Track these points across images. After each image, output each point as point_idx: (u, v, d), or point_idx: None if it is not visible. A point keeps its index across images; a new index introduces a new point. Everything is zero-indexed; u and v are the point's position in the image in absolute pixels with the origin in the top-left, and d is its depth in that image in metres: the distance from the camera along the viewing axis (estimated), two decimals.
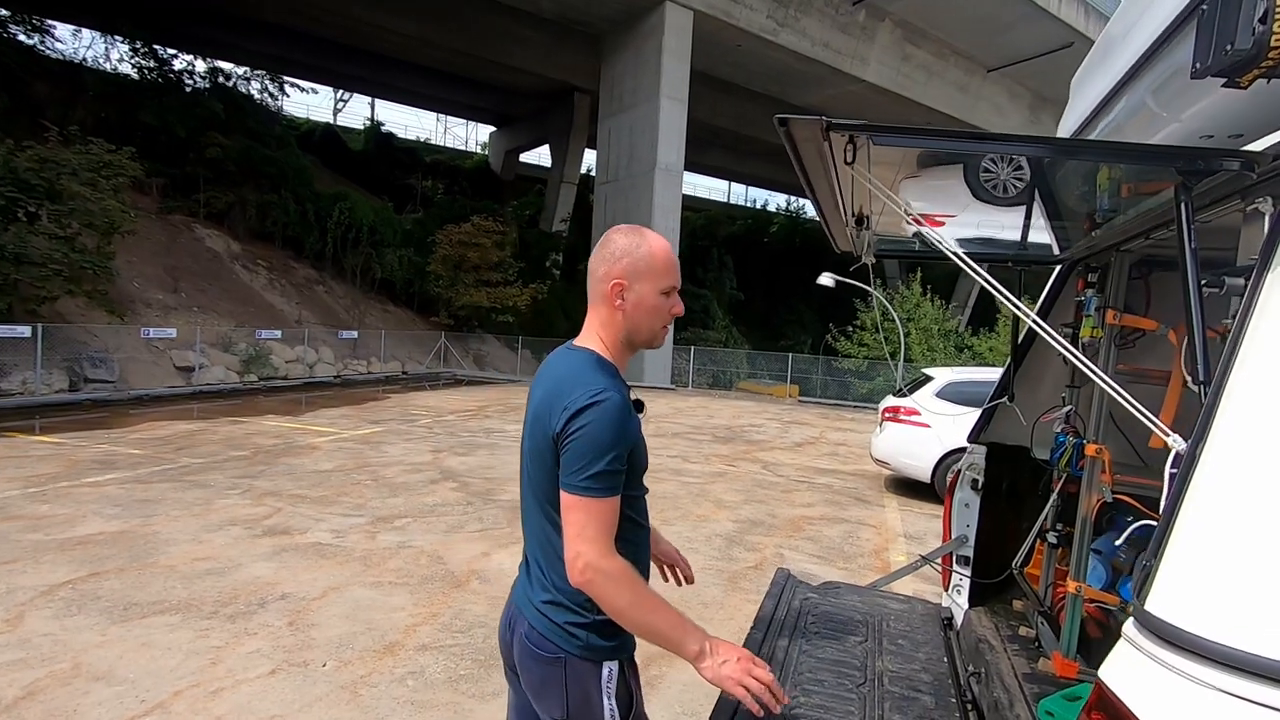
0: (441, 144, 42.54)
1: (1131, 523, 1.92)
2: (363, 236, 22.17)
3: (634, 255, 1.36)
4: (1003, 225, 2.23)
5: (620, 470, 1.28)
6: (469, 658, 3.46)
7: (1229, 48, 0.77)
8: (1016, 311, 1.10)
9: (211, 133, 20.30)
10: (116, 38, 22.74)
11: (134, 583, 4.16)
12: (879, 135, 0.99)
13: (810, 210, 45.41)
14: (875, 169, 1.41)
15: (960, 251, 1.12)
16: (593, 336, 1.42)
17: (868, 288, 8.08)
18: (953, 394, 7.60)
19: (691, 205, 35.23)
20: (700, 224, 36.19)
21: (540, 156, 37.85)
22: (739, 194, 51.29)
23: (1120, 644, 0.84)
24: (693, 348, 22.74)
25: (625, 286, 1.36)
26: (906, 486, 8.30)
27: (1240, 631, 0.71)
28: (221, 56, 25.45)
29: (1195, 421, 1.06)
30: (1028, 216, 2.04)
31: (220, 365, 15.39)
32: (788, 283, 32.76)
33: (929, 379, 8.19)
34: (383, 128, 34.27)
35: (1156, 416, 1.68)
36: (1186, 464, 0.85)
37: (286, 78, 26.05)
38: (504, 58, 25.78)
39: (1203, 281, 1.02)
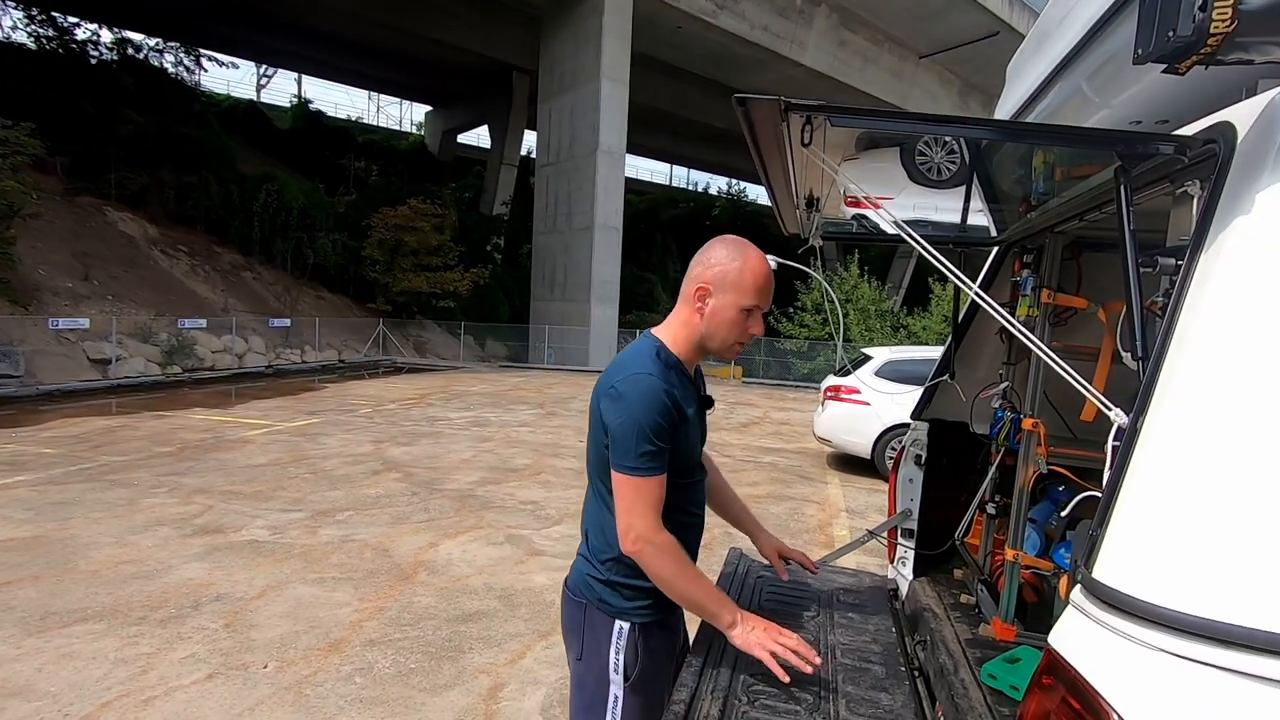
0: (375, 124, 41.05)
1: (1063, 492, 2.02)
2: (292, 220, 21.21)
3: (727, 267, 1.42)
4: (938, 208, 2.29)
5: (661, 449, 1.38)
6: (419, 651, 3.39)
7: (1170, 34, 0.79)
8: (973, 295, 1.12)
9: (123, 109, 18.98)
10: (10, 3, 20.92)
11: (51, 590, 3.90)
12: (836, 116, 0.99)
13: (751, 193, 45.94)
14: (825, 151, 1.42)
15: (916, 235, 1.14)
16: (669, 329, 1.52)
17: (808, 269, 8.23)
18: (891, 372, 7.85)
19: (634, 188, 35.11)
20: (643, 207, 36.14)
21: (479, 138, 37.01)
22: (680, 177, 51.47)
23: (1068, 611, 0.88)
24: (637, 331, 22.76)
25: (708, 293, 1.44)
26: (848, 463, 8.55)
27: (1184, 596, 0.74)
28: (129, 26, 23.77)
29: (1127, 394, 1.11)
30: (967, 199, 2.10)
31: (140, 357, 14.52)
32: None
33: (868, 358, 8.43)
34: (311, 105, 32.75)
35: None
36: (1128, 436, 0.88)
37: (203, 50, 24.54)
38: (439, 34, 24.98)
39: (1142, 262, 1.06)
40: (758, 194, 47.43)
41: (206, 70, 26.48)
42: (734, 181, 45.76)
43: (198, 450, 7.72)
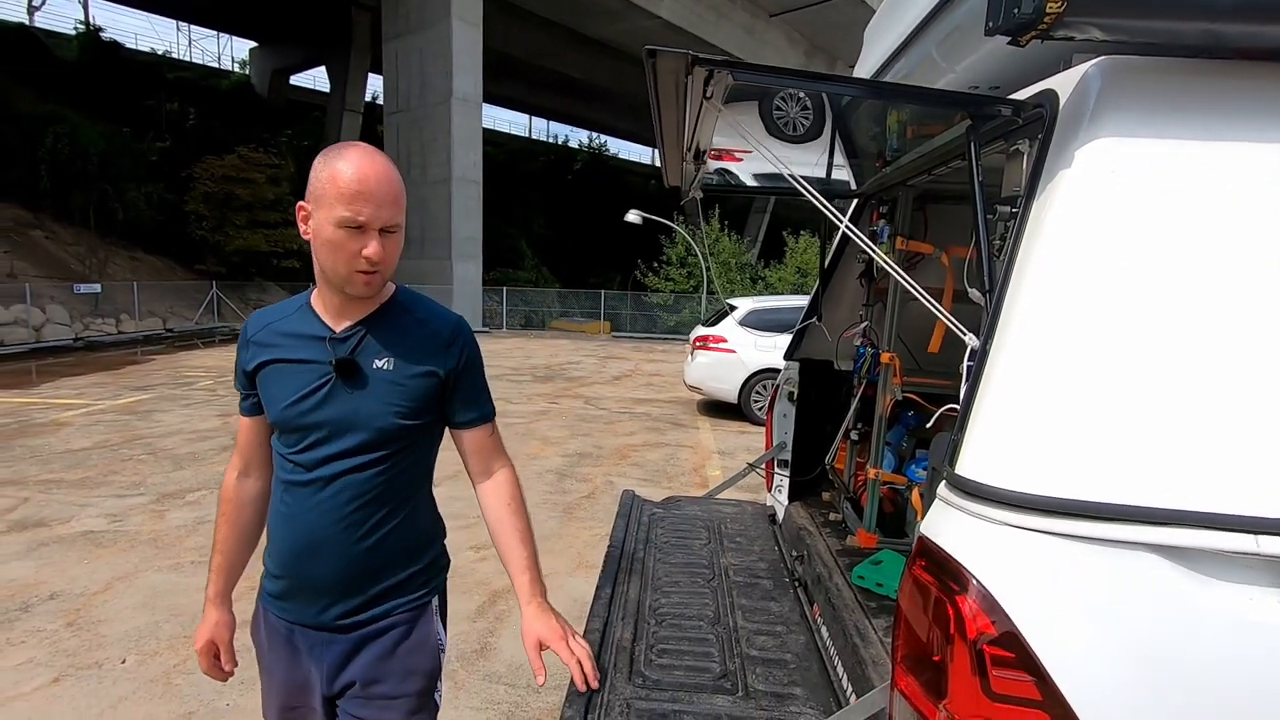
0: (187, 59, 35.98)
1: (913, 417, 2.31)
2: (92, 169, 18.30)
3: (317, 176, 1.14)
4: (794, 162, 2.46)
5: (241, 391, 1.33)
6: None
7: (1016, 11, 0.93)
8: (861, 243, 1.25)
9: None
10: None
11: None
12: (739, 72, 1.06)
13: (613, 147, 45.70)
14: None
15: (803, 186, 1.24)
16: None
17: (671, 224, 8.45)
18: (754, 321, 8.32)
19: (491, 140, 33.66)
20: (502, 159, 34.83)
21: (316, 80, 33.76)
22: (540, 128, 49.99)
23: (935, 504, 1.05)
24: (504, 288, 22.27)
25: (308, 213, 1.17)
26: (718, 409, 9.03)
27: (1025, 479, 0.92)
28: None
29: (968, 326, 1.30)
30: (830, 155, 2.28)
31: None
32: (594, 219, 32.94)
33: (733, 309, 8.87)
34: (103, 34, 28.04)
35: (933, 328, 2.02)
36: (980, 357, 1.05)
37: None
38: None
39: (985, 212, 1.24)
40: (619, 148, 47.32)
41: None
42: (595, 135, 45.22)
43: None
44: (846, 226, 1.25)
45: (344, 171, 1.11)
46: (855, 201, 2.52)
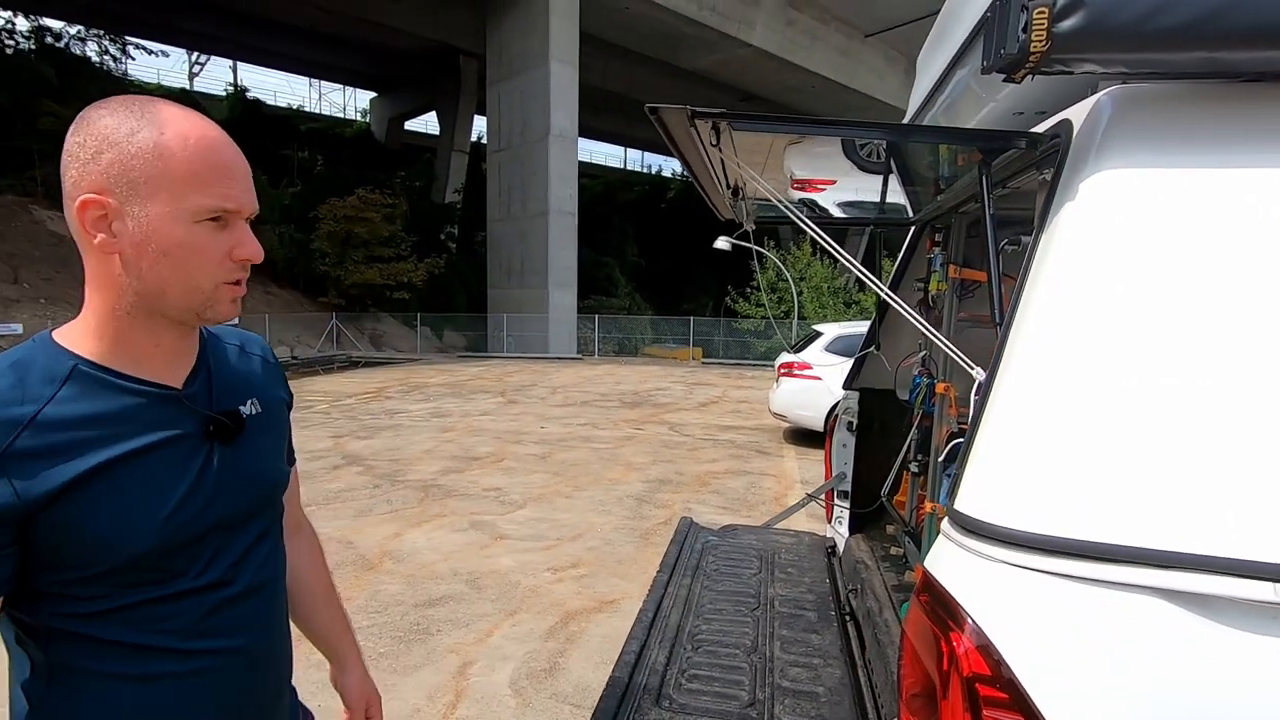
0: (317, 111, 39.78)
1: None
2: None
3: (125, 149, 0.73)
4: (872, 190, 2.46)
5: None
6: (388, 636, 3.49)
7: (1003, 51, 0.94)
8: (858, 273, 1.28)
9: (44, 100, 18.08)
10: None
11: None
12: (737, 122, 1.12)
13: None
14: (749, 141, 1.55)
15: (803, 216, 1.28)
16: (84, 308, 0.79)
17: (760, 249, 8.44)
18: (840, 347, 8.13)
19: (588, 172, 34.92)
20: (598, 191, 35.98)
21: (427, 124, 36.24)
22: (635, 159, 51.33)
23: (939, 539, 1.04)
24: (597, 316, 22.84)
25: (114, 210, 0.73)
26: (802, 436, 8.84)
27: (1020, 516, 0.91)
28: (47, 12, 22.53)
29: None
30: (884, 183, 2.27)
31: None
32: (687, 247, 33.26)
33: (819, 335, 8.71)
34: (248, 94, 31.57)
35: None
36: (985, 391, 1.05)
37: (130, 38, 23.45)
38: (378, 16, 24.32)
39: (1004, 241, 1.23)
40: None
41: (134, 59, 25.33)
42: None
43: None
44: (843, 256, 1.27)
45: (182, 143, 0.74)
46: (913, 230, 2.48)
